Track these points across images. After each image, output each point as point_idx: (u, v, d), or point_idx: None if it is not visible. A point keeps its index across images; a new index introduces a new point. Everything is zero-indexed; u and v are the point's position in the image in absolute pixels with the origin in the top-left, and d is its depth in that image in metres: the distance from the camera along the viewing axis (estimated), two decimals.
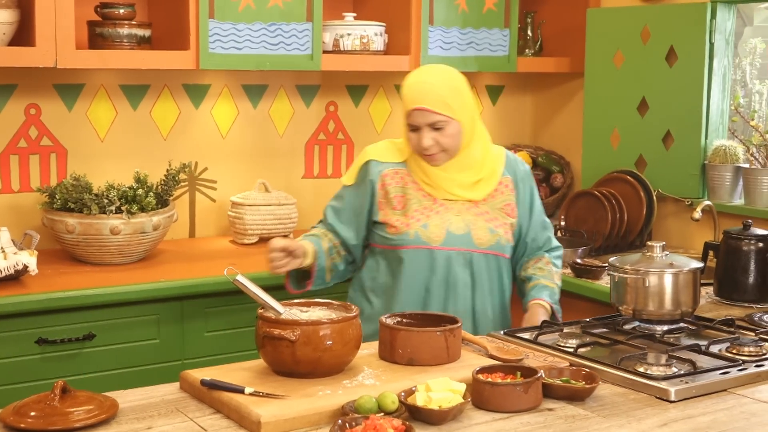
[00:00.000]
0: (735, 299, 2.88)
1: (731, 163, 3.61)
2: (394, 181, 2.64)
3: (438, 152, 2.59)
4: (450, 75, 2.62)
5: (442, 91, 2.56)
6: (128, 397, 1.96)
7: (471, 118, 2.62)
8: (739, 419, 1.89)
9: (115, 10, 3.29)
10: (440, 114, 2.55)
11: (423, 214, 2.61)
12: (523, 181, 2.73)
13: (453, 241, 2.59)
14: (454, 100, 2.57)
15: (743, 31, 4.26)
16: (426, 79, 2.59)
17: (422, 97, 2.56)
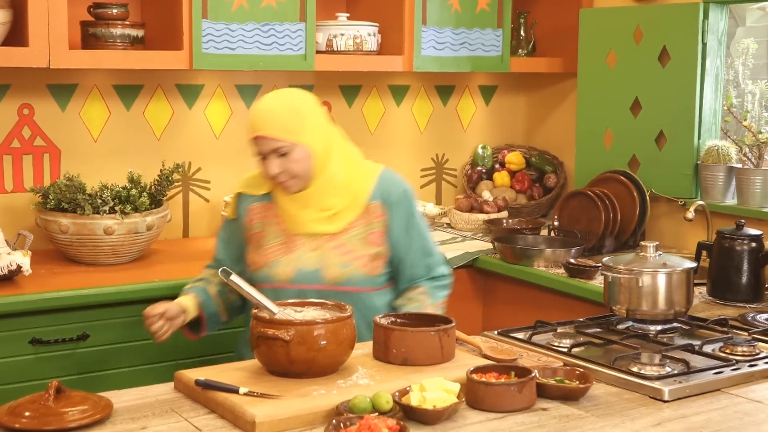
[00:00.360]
0: (728, 299, 2.89)
1: (724, 163, 3.62)
2: (257, 216, 2.57)
3: (288, 179, 2.47)
4: (292, 98, 2.51)
5: (281, 116, 2.45)
6: (123, 397, 1.96)
7: (323, 139, 2.49)
8: (733, 419, 1.90)
9: (108, 10, 3.29)
10: (281, 140, 2.44)
11: (277, 250, 2.52)
12: (398, 205, 2.56)
13: (303, 279, 2.48)
14: (297, 123, 2.45)
15: (735, 32, 4.26)
16: (264, 106, 2.50)
17: (261, 125, 2.46)
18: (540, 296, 3.35)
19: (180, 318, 2.50)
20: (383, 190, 2.56)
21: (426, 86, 4.27)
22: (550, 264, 3.41)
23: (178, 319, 2.49)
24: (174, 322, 2.48)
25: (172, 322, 2.48)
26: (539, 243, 3.65)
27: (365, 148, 4.12)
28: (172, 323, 2.48)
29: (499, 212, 4.06)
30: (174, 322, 2.48)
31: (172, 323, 2.48)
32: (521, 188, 4.31)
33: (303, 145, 2.46)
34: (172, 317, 2.47)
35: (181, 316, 2.50)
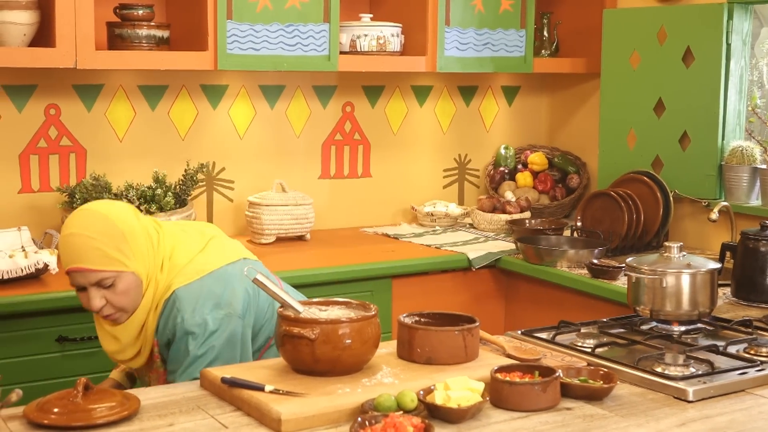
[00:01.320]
0: (752, 300, 2.87)
1: (748, 164, 3.61)
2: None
3: (115, 312, 2.21)
4: (109, 218, 2.18)
5: (102, 242, 2.15)
6: (150, 394, 1.98)
7: (151, 262, 2.22)
8: (758, 419, 1.89)
9: (134, 11, 3.32)
10: (104, 270, 2.15)
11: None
12: (172, 341, 2.24)
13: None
14: (123, 247, 2.17)
15: (760, 32, 4.25)
16: (78, 231, 2.15)
17: (77, 255, 2.14)
18: (563, 297, 3.35)
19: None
20: (163, 324, 2.25)
21: (449, 87, 4.27)
22: (573, 264, 3.41)
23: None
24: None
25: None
26: (562, 243, 3.64)
27: (388, 148, 4.17)
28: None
29: (522, 213, 4.06)
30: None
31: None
32: (544, 189, 4.30)
33: (131, 272, 2.18)
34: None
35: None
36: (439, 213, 4.07)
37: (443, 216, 4.07)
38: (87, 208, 2.23)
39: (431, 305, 3.18)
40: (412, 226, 4.09)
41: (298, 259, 3.41)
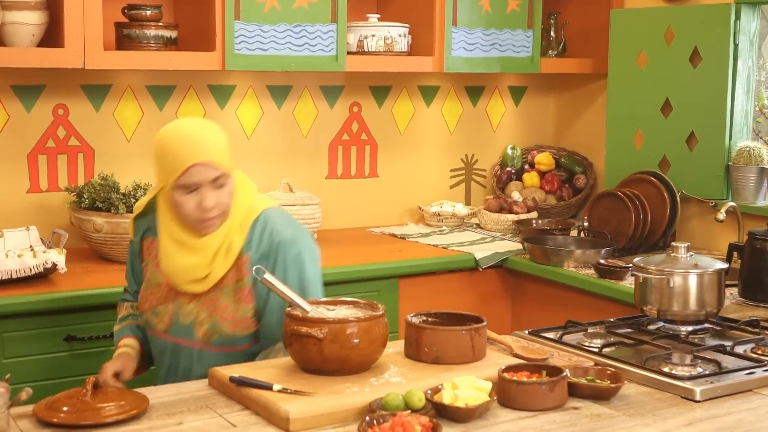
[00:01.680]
0: (760, 300, 2.87)
1: (755, 164, 3.61)
2: (146, 250, 2.40)
3: (218, 215, 2.23)
4: (215, 126, 2.33)
5: (217, 141, 2.24)
6: (158, 393, 1.99)
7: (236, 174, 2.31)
8: (765, 419, 1.90)
9: (142, 12, 3.33)
10: (221, 168, 2.22)
11: (156, 295, 2.35)
12: (267, 257, 2.28)
13: (177, 332, 2.33)
14: (227, 152, 2.26)
15: (767, 33, 4.24)
16: (193, 131, 2.24)
17: (198, 151, 2.19)
18: (570, 297, 3.35)
19: (132, 366, 2.38)
20: (258, 241, 2.29)
21: (456, 87, 4.28)
22: (579, 264, 3.41)
23: (129, 371, 2.37)
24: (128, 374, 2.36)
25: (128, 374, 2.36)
26: (569, 244, 3.65)
27: (395, 148, 4.17)
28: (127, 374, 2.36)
29: (529, 213, 4.06)
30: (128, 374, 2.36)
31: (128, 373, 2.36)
32: (551, 189, 4.30)
33: (232, 178, 2.26)
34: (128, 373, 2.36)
35: (132, 366, 2.38)
36: (446, 213, 4.07)
37: (450, 216, 4.07)
38: (184, 118, 2.45)
39: (438, 305, 3.18)
40: (419, 226, 4.10)
41: None
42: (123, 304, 2.57)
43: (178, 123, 2.35)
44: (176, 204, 2.23)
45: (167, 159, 2.21)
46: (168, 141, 2.23)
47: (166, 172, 2.22)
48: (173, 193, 2.22)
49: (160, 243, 2.32)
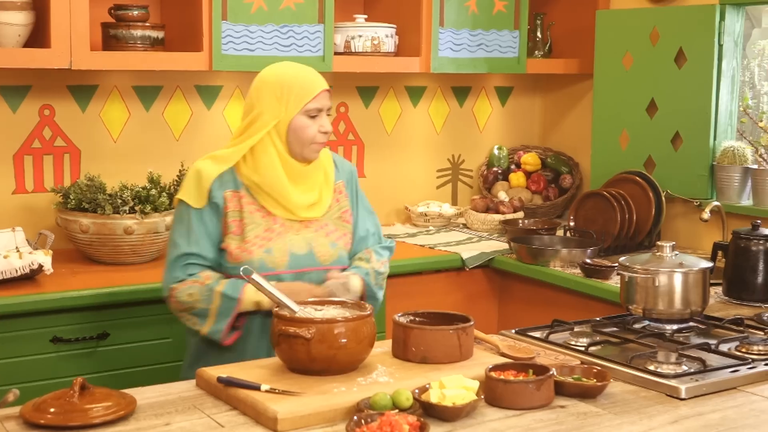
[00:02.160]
0: (744, 299, 2.89)
1: (740, 164, 3.63)
2: (232, 203, 2.49)
3: (327, 140, 2.56)
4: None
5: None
6: (146, 394, 1.99)
7: None
8: (749, 416, 1.91)
9: (129, 12, 3.32)
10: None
11: (263, 238, 2.47)
12: (351, 182, 2.69)
13: (297, 263, 2.49)
14: None
15: (751, 33, 4.27)
16: (306, 67, 2.57)
17: (321, 81, 2.53)
18: (556, 296, 3.36)
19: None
20: (341, 170, 2.67)
21: (442, 87, 4.29)
22: (566, 264, 3.42)
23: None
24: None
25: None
26: (555, 243, 3.66)
27: (382, 148, 4.18)
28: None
29: (515, 213, 4.08)
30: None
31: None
32: (537, 189, 4.32)
33: None
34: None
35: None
36: (432, 213, 4.08)
37: (437, 216, 4.08)
38: (286, 62, 2.62)
39: (425, 305, 3.19)
40: (406, 226, 4.11)
41: None
42: (200, 275, 2.47)
43: (289, 63, 2.60)
44: (300, 128, 2.48)
45: (293, 89, 2.48)
46: (290, 74, 2.52)
47: (290, 103, 2.47)
48: (297, 119, 2.48)
49: (268, 180, 2.49)
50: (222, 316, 2.42)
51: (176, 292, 2.45)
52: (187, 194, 2.50)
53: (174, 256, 2.47)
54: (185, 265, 2.46)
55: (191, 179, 2.51)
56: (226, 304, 2.41)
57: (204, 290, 2.42)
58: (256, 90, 2.53)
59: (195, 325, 2.46)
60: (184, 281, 2.45)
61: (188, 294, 2.44)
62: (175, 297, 2.46)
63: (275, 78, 2.51)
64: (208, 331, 2.44)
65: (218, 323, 2.42)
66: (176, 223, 2.51)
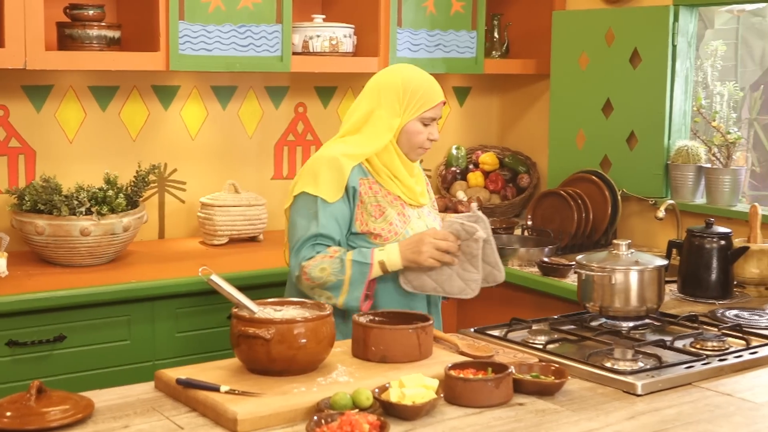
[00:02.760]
0: (698, 296, 2.94)
1: (693, 163, 3.68)
2: (368, 190, 2.60)
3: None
4: None
5: None
6: (104, 396, 1.97)
7: None
8: (704, 411, 1.95)
9: (85, 12, 3.29)
10: None
11: (401, 220, 2.61)
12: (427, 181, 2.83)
13: None
14: None
15: (704, 34, 4.33)
16: (429, 75, 2.68)
17: (440, 92, 2.66)
18: (514, 295, 3.39)
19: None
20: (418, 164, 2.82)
21: None
22: (524, 263, 3.45)
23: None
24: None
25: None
26: (513, 242, 3.69)
27: None
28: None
29: None
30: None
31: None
32: (495, 188, 4.35)
33: None
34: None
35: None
36: None
37: None
38: (407, 65, 2.75)
39: None
40: None
41: (252, 260, 3.41)
42: (327, 250, 2.53)
43: (412, 67, 2.71)
44: (413, 133, 2.63)
45: (416, 95, 2.62)
46: (417, 81, 2.64)
47: (410, 107, 2.62)
48: (411, 124, 2.63)
49: (393, 170, 2.62)
50: (356, 283, 2.50)
51: (308, 268, 2.51)
52: (317, 188, 2.55)
53: (303, 238, 2.53)
54: (313, 245, 2.53)
55: (325, 171, 2.57)
56: (359, 270, 2.49)
57: (335, 263, 2.50)
58: (374, 89, 2.66)
59: (329, 299, 2.51)
60: (314, 257, 2.51)
61: (320, 269, 2.50)
62: (307, 274, 2.51)
63: (400, 81, 2.63)
64: (344, 302, 2.50)
65: (354, 291, 2.50)
66: (302, 211, 2.57)
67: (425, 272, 2.54)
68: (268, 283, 3.21)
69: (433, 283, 2.55)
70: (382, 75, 2.70)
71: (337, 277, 2.49)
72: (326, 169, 2.58)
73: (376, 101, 2.63)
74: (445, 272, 2.54)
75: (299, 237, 2.54)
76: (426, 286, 2.56)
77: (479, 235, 2.53)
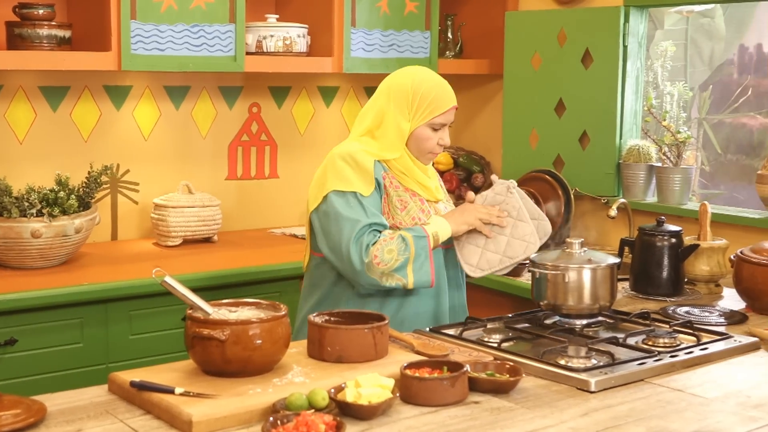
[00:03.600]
0: (650, 293, 2.98)
1: (644, 162, 3.73)
2: (390, 184, 2.59)
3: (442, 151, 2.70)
4: None
5: None
6: (56, 400, 1.95)
7: None
8: (656, 407, 1.97)
9: (34, 11, 3.25)
10: None
11: (423, 214, 2.61)
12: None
13: (444, 241, 2.62)
14: None
15: (655, 35, 4.39)
16: (444, 80, 2.65)
17: (452, 96, 2.63)
18: (469, 293, 3.38)
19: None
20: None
21: (355, 87, 4.30)
22: None
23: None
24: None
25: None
26: None
27: (295, 149, 4.17)
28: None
29: None
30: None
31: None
32: (450, 188, 4.36)
33: None
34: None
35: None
36: None
37: None
38: (421, 67, 2.70)
39: None
40: None
41: (206, 261, 3.39)
42: (384, 233, 2.52)
43: (424, 70, 2.66)
44: (422, 138, 2.59)
45: (426, 100, 2.57)
46: (428, 85, 2.59)
47: (420, 112, 2.57)
48: (421, 129, 2.59)
49: (412, 170, 2.60)
50: (422, 258, 2.50)
51: (378, 252, 2.47)
52: (350, 184, 2.52)
53: (357, 229, 2.48)
54: (371, 232, 2.50)
55: (350, 168, 2.54)
56: (420, 244, 2.50)
57: (398, 242, 2.49)
58: (385, 91, 2.61)
59: (399, 281, 2.49)
60: (377, 242, 2.48)
61: (388, 251, 2.48)
62: (378, 257, 2.47)
63: (410, 84, 2.59)
64: (414, 280, 2.50)
65: (422, 266, 2.50)
66: (342, 208, 2.51)
67: (483, 249, 2.56)
68: (222, 284, 3.20)
69: (497, 255, 2.56)
70: (393, 77, 2.65)
71: (404, 256, 2.48)
72: (351, 165, 2.55)
73: (387, 104, 2.60)
74: (500, 241, 2.57)
75: (351, 228, 2.48)
76: (492, 261, 2.57)
77: (511, 184, 2.59)
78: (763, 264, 2.72)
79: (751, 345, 2.40)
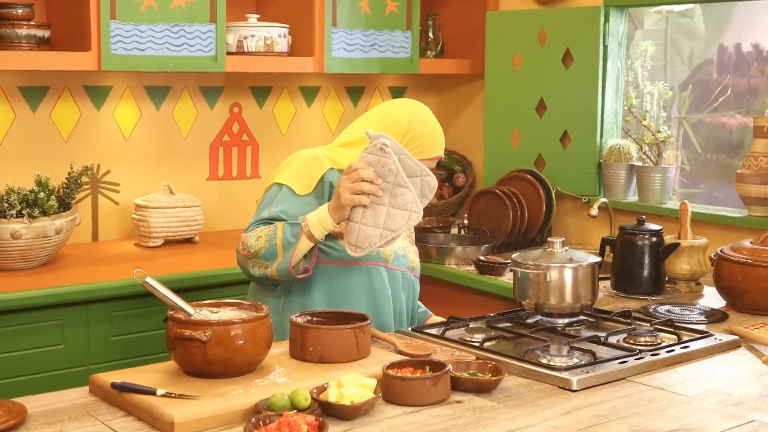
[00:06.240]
0: (631, 292, 2.99)
1: (625, 161, 3.75)
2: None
3: None
4: None
5: None
6: (37, 402, 1.94)
7: None
8: (637, 405, 1.98)
9: (13, 11, 3.23)
10: None
11: None
12: None
13: (399, 262, 2.60)
14: None
15: (635, 35, 4.41)
16: (440, 127, 2.60)
17: (442, 146, 2.59)
18: (451, 293, 3.41)
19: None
20: None
21: (336, 87, 4.30)
22: (460, 261, 3.48)
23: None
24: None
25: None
26: (449, 241, 3.71)
27: (277, 149, 4.16)
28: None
29: None
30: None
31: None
32: None
33: None
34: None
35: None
36: None
37: None
38: (423, 105, 2.61)
39: None
40: None
41: (187, 262, 3.38)
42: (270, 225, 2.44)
43: (425, 110, 2.59)
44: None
45: (416, 141, 2.52)
46: (424, 129, 2.54)
47: (408, 149, 2.45)
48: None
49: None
50: (289, 246, 2.35)
51: (245, 239, 2.42)
52: (288, 179, 2.49)
53: (253, 221, 2.45)
54: (264, 224, 2.43)
55: (300, 164, 2.51)
56: (290, 231, 2.35)
57: (269, 230, 2.38)
58: (381, 116, 2.55)
59: (264, 268, 2.38)
60: (252, 230, 2.42)
61: (256, 237, 2.40)
62: (245, 243, 2.41)
63: (407, 120, 2.53)
64: (276, 268, 2.36)
65: (286, 254, 2.35)
66: (266, 200, 2.49)
67: (360, 223, 2.29)
68: (204, 285, 3.19)
69: (376, 229, 2.28)
70: (393, 106, 2.60)
71: (270, 243, 2.36)
72: (303, 163, 2.52)
73: (378, 128, 2.51)
74: (379, 212, 2.28)
75: (252, 221, 2.46)
76: (372, 238, 2.29)
77: (384, 141, 2.29)
78: (743, 262, 2.74)
79: (732, 343, 2.41)
